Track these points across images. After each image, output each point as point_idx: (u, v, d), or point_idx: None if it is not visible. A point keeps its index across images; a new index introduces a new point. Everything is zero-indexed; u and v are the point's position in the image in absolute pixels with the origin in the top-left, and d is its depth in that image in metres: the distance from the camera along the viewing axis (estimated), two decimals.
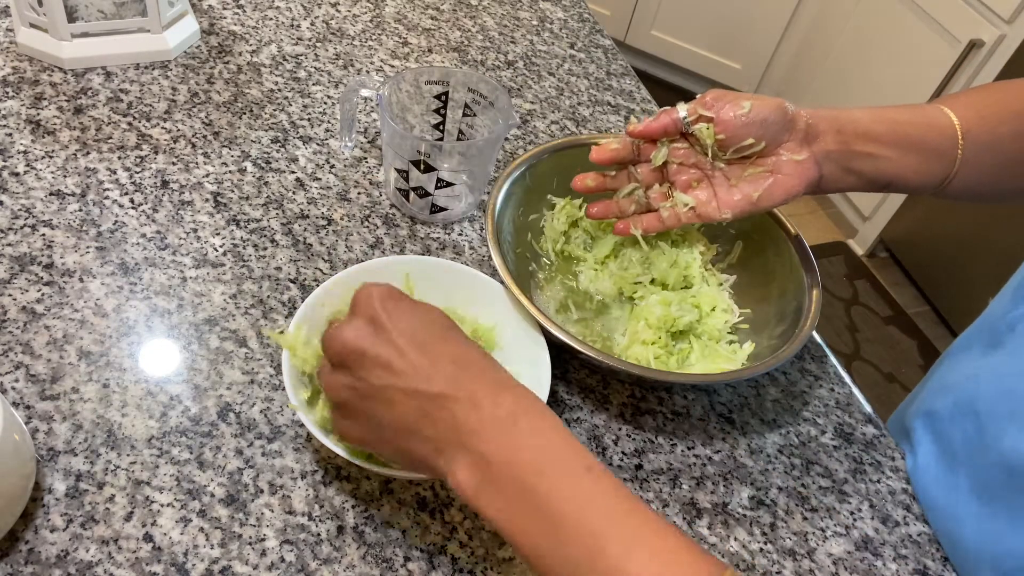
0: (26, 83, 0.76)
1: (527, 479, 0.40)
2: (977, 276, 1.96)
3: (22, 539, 0.48)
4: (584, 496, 0.39)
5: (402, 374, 0.42)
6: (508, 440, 0.41)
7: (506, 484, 0.40)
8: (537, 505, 0.39)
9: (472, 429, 0.41)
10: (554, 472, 0.40)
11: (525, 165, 0.69)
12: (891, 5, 2.09)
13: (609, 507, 0.39)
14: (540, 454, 0.40)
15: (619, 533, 0.38)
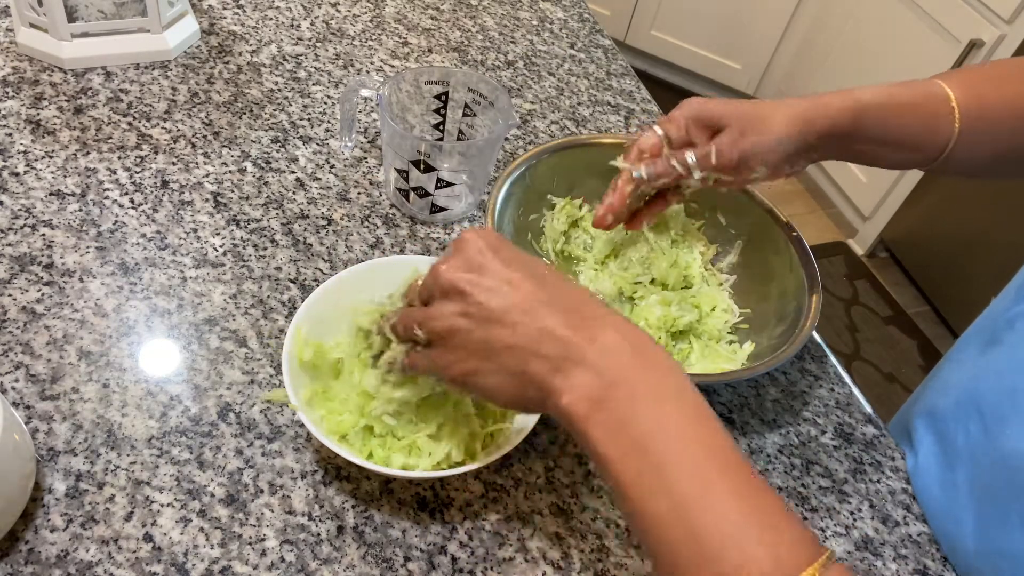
0: (26, 83, 0.76)
1: (640, 413, 0.38)
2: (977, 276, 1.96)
3: (22, 539, 0.48)
4: (691, 441, 0.38)
5: (521, 296, 0.42)
6: (631, 369, 0.40)
7: (623, 413, 0.39)
8: (646, 446, 0.38)
9: (597, 351, 0.40)
10: (669, 413, 0.39)
11: (525, 165, 0.69)
12: (891, 5, 2.09)
13: (713, 459, 0.38)
14: (660, 391, 0.39)
15: (719, 491, 0.37)
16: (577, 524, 0.56)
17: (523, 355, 0.41)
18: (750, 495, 0.37)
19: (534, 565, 0.53)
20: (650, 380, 0.39)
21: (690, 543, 0.36)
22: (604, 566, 0.54)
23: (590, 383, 0.39)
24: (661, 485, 0.37)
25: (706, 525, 0.36)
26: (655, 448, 0.38)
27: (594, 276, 0.70)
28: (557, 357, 0.40)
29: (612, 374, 0.39)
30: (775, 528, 0.36)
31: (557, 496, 0.57)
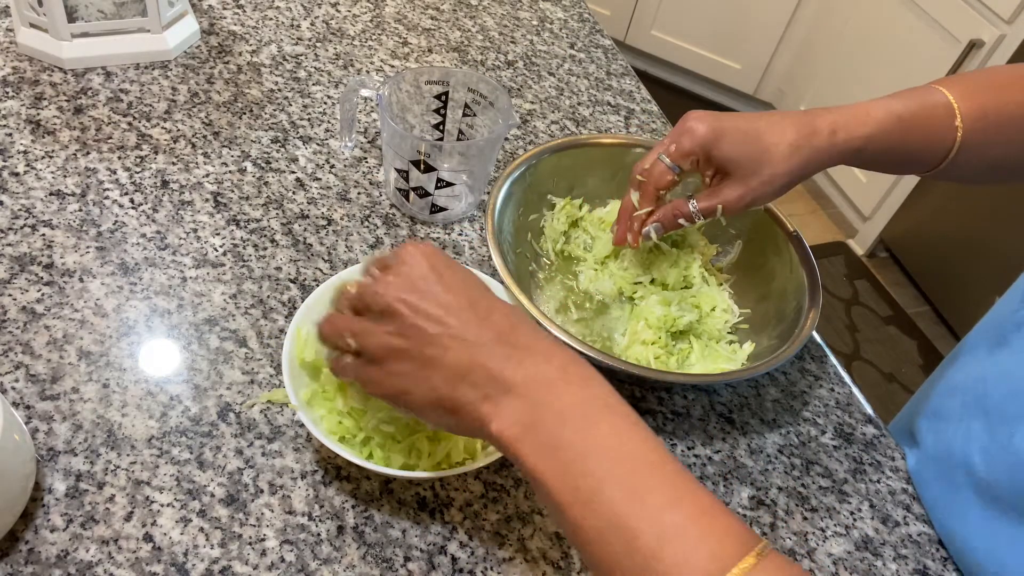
0: (26, 83, 0.76)
1: (570, 432, 0.40)
2: (977, 276, 1.96)
3: (22, 539, 0.48)
4: (623, 455, 0.39)
5: (456, 323, 0.43)
6: (558, 392, 0.41)
7: (552, 435, 0.40)
8: (578, 465, 0.39)
9: (524, 378, 0.41)
10: (599, 429, 0.40)
11: (525, 165, 0.69)
12: (891, 5, 2.09)
13: (644, 468, 0.39)
14: (587, 409, 0.41)
15: (654, 499, 0.38)
16: None
17: (453, 382, 0.43)
18: (682, 499, 0.38)
19: (534, 565, 0.53)
20: (576, 401, 0.41)
21: (630, 553, 0.37)
22: None
23: (519, 409, 0.41)
24: (596, 501, 0.38)
25: (642, 533, 0.37)
26: (587, 466, 0.39)
27: (594, 276, 0.70)
28: (486, 385, 0.42)
29: (539, 398, 0.41)
30: (710, 526, 0.37)
31: None
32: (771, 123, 0.60)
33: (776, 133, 0.59)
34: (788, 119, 0.60)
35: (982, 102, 0.61)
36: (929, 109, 0.60)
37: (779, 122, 0.60)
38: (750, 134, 0.59)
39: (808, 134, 0.59)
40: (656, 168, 0.62)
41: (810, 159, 0.59)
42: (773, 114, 0.61)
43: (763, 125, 0.59)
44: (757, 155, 0.59)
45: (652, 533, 0.37)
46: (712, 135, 0.59)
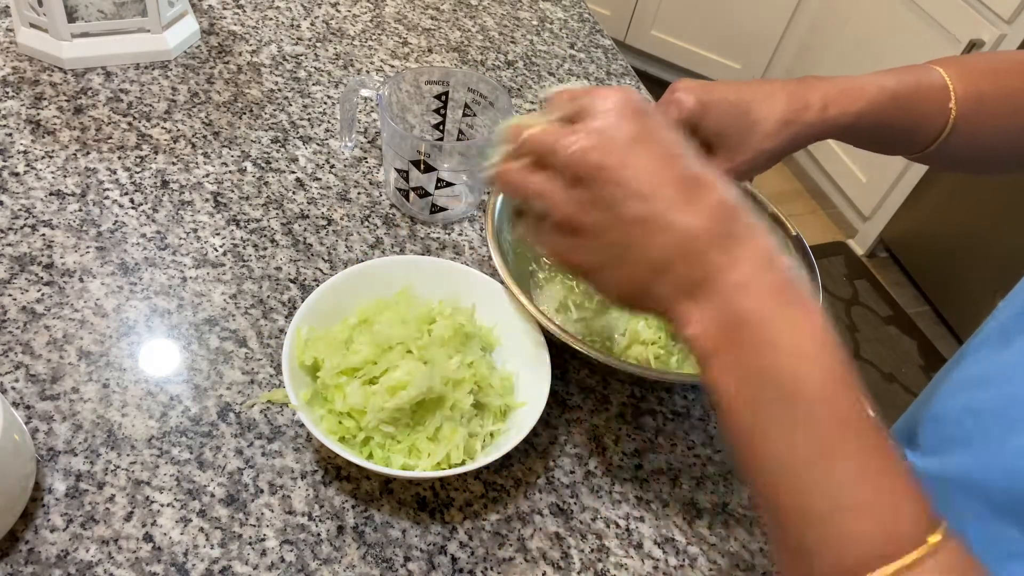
0: (26, 83, 0.76)
1: (771, 363, 0.35)
2: (977, 276, 1.96)
3: (22, 539, 0.48)
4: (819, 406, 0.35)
5: (663, 204, 0.37)
6: (771, 310, 0.36)
7: (750, 360, 0.36)
8: (771, 400, 0.35)
9: (735, 283, 0.36)
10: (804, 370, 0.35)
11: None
12: (891, 5, 2.09)
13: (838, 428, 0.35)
14: (800, 342, 0.36)
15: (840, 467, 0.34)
16: (577, 524, 0.56)
17: (652, 274, 0.38)
18: (867, 475, 0.35)
19: (534, 565, 0.53)
20: (786, 327, 0.36)
21: (800, 506, 0.35)
22: (604, 566, 0.54)
23: (720, 319, 0.36)
24: (778, 447, 0.35)
25: (820, 489, 0.34)
26: (781, 401, 0.35)
27: None
28: (689, 283, 0.37)
29: (746, 313, 0.36)
30: (895, 499, 0.34)
31: (557, 496, 0.57)
32: (761, 95, 0.57)
33: (766, 107, 0.57)
34: (780, 91, 0.58)
35: (979, 86, 0.60)
36: (924, 89, 0.60)
37: (769, 94, 0.58)
38: (739, 107, 0.56)
39: (799, 109, 0.57)
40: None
41: (798, 134, 0.57)
42: (764, 84, 0.59)
43: (752, 97, 0.57)
44: (745, 130, 0.57)
45: (827, 496, 0.34)
46: (699, 108, 0.56)
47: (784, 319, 0.36)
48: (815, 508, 0.34)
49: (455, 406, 0.54)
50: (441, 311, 0.58)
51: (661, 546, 0.56)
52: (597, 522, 0.56)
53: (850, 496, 0.34)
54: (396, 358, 0.54)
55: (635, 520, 0.57)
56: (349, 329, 0.57)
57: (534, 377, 0.57)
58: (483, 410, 0.57)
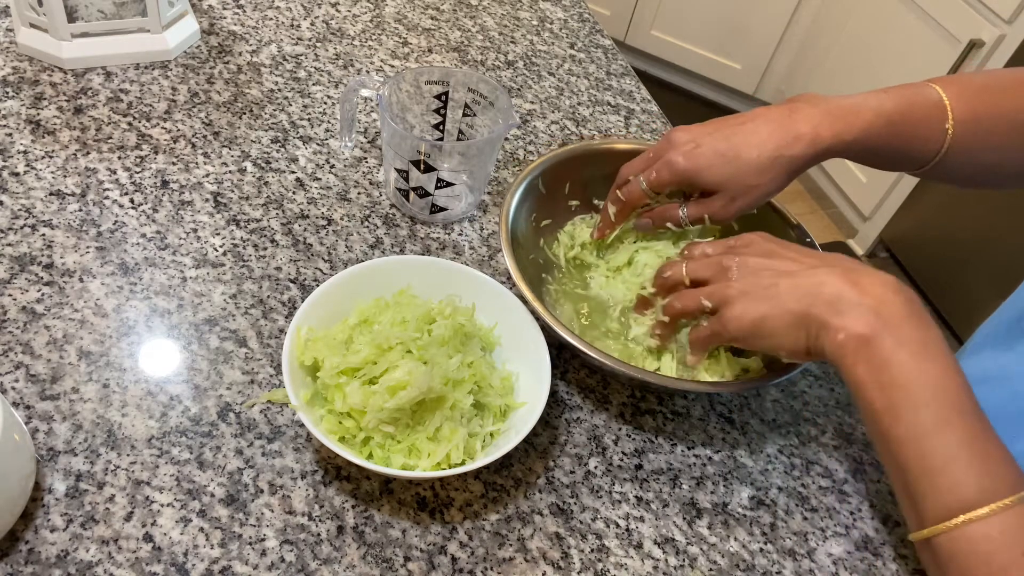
0: (26, 83, 0.76)
1: (904, 356, 0.46)
2: (977, 276, 1.96)
3: (22, 539, 0.48)
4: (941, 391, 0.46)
5: (806, 264, 0.52)
6: (901, 320, 0.48)
7: (887, 354, 0.47)
8: (902, 385, 0.46)
9: (873, 300, 0.48)
10: (929, 364, 0.47)
11: (539, 170, 0.69)
12: (891, 5, 2.09)
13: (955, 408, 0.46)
14: (925, 344, 0.47)
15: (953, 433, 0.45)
16: (577, 524, 0.56)
17: (807, 299, 0.50)
18: (977, 437, 0.45)
19: (534, 565, 0.53)
20: (915, 332, 0.47)
21: (919, 462, 0.45)
22: (604, 566, 0.54)
23: (865, 322, 0.47)
24: (906, 416, 0.46)
25: (934, 451, 0.45)
26: (909, 389, 0.46)
27: (605, 283, 0.69)
28: (836, 302, 0.49)
29: (884, 320, 0.47)
30: (993, 467, 0.44)
31: (557, 496, 0.57)
32: (749, 135, 0.59)
33: (754, 147, 0.59)
34: (767, 127, 0.59)
35: (976, 106, 0.61)
36: (921, 109, 0.60)
37: (756, 132, 0.59)
38: (728, 155, 0.59)
39: (789, 142, 0.59)
40: (634, 190, 0.63)
41: (791, 166, 0.60)
42: (751, 121, 0.60)
43: (740, 140, 0.59)
44: (739, 175, 0.59)
45: (941, 457, 0.45)
46: (692, 169, 0.60)
47: (910, 327, 0.47)
48: (932, 463, 0.45)
49: (455, 406, 0.54)
50: (441, 311, 0.58)
51: (661, 546, 0.56)
52: (597, 522, 0.56)
53: (958, 455, 0.44)
54: (396, 358, 0.54)
55: (635, 520, 0.57)
56: (349, 329, 0.57)
57: (534, 377, 0.57)
58: (483, 410, 0.57)
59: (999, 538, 0.43)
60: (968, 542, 0.43)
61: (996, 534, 0.43)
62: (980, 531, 0.43)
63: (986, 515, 0.43)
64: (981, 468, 0.44)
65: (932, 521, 0.45)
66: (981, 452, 0.45)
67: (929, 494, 0.45)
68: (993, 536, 0.43)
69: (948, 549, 0.44)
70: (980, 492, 0.44)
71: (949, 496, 0.44)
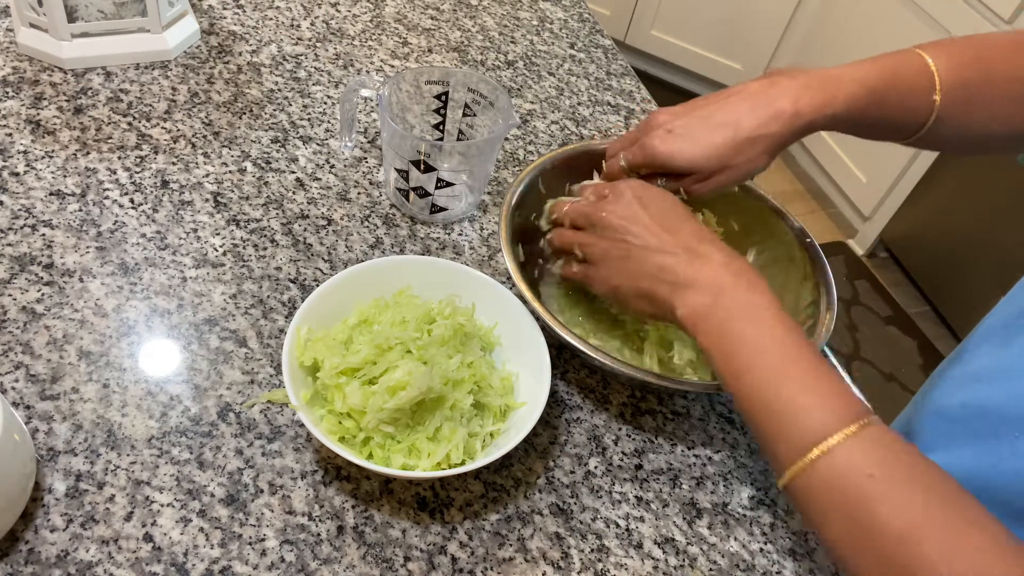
0: (26, 83, 0.76)
1: (735, 325, 0.51)
2: (977, 276, 1.96)
3: (22, 539, 0.48)
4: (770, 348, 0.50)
5: (656, 239, 0.56)
6: (730, 292, 0.52)
7: (721, 323, 0.51)
8: (737, 346, 0.51)
9: (705, 279, 0.53)
10: (756, 327, 0.51)
11: (538, 170, 0.69)
12: (891, 5, 2.09)
13: (786, 360, 0.49)
14: (751, 310, 0.52)
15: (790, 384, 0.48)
16: (577, 524, 0.56)
17: (652, 279, 0.55)
18: (812, 379, 0.48)
19: (534, 565, 0.53)
20: (743, 299, 0.52)
21: (768, 418, 0.48)
22: (604, 566, 0.54)
23: (698, 301, 0.53)
24: (746, 379, 0.50)
25: (777, 397, 0.48)
26: (742, 352, 0.50)
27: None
28: (675, 282, 0.54)
29: (715, 296, 0.52)
30: (831, 405, 0.47)
31: (557, 496, 0.57)
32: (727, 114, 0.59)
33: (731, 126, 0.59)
34: (746, 103, 0.59)
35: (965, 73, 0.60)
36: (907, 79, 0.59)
37: (735, 110, 0.59)
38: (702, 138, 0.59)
39: (766, 121, 0.58)
40: (613, 167, 0.64)
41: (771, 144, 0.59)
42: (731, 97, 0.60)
43: (719, 119, 0.59)
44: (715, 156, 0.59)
45: (783, 402, 0.48)
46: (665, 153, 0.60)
47: (738, 297, 0.52)
48: (776, 408, 0.48)
49: (455, 406, 0.54)
50: (441, 311, 0.58)
51: (661, 546, 0.56)
52: (597, 522, 0.56)
53: (796, 397, 0.47)
54: (396, 358, 0.54)
55: (635, 520, 0.57)
56: (349, 329, 0.57)
57: (534, 377, 0.57)
58: (483, 410, 0.57)
59: (847, 465, 0.44)
60: (821, 478, 0.45)
61: (843, 463, 0.44)
62: (830, 463, 0.45)
63: (829, 448, 0.45)
64: (820, 407, 0.46)
65: (788, 464, 0.46)
66: (818, 393, 0.47)
67: (778, 442, 0.47)
68: (841, 465, 0.44)
69: (806, 488, 0.46)
70: (823, 426, 0.45)
71: (795, 439, 0.46)
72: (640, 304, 0.57)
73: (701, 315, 0.52)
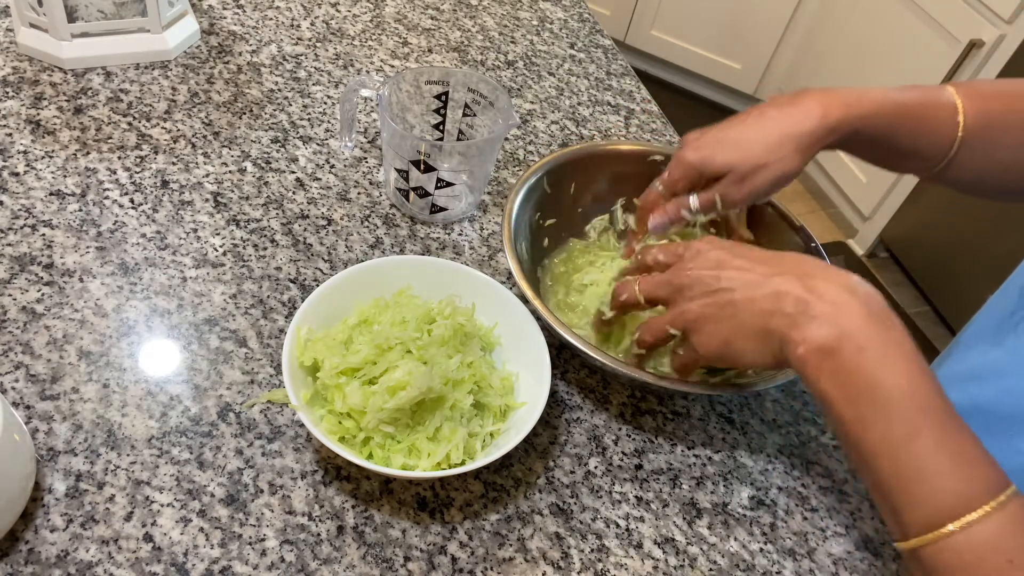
0: (26, 83, 0.76)
1: (867, 363, 0.44)
2: (977, 276, 1.96)
3: (22, 539, 0.48)
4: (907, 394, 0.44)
5: (759, 275, 0.50)
6: (860, 324, 0.45)
7: (850, 363, 0.45)
8: (868, 393, 0.44)
9: (830, 307, 0.46)
10: (892, 367, 0.45)
11: (542, 171, 0.69)
12: (891, 5, 2.09)
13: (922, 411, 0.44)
14: (886, 347, 0.45)
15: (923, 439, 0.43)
16: (577, 524, 0.56)
17: (764, 315, 0.48)
18: (950, 439, 0.43)
19: (534, 565, 0.53)
20: (876, 335, 0.45)
21: (894, 473, 0.44)
22: (604, 566, 0.54)
23: (823, 335, 0.45)
24: (876, 427, 0.44)
25: (908, 460, 0.43)
26: (875, 397, 0.44)
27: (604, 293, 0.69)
28: (794, 314, 0.47)
29: (843, 328, 0.45)
30: (967, 468, 0.43)
31: (557, 496, 0.57)
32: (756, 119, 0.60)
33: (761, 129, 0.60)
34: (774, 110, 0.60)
35: (987, 106, 0.61)
36: (932, 103, 0.61)
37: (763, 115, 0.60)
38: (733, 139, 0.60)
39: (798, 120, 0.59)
40: (649, 195, 0.65)
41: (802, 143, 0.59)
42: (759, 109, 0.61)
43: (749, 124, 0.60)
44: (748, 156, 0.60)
45: (916, 467, 0.43)
46: (698, 159, 0.61)
47: (870, 329, 0.45)
48: (906, 474, 0.43)
49: (455, 406, 0.54)
50: (441, 311, 0.58)
51: (661, 546, 0.56)
52: (597, 522, 0.56)
53: (932, 463, 0.43)
54: (396, 358, 0.54)
55: (635, 520, 0.57)
56: (349, 329, 0.57)
57: (534, 377, 0.57)
58: (483, 410, 0.57)
59: (982, 547, 0.41)
60: (952, 553, 0.42)
61: (979, 543, 0.41)
62: (963, 541, 0.42)
63: (968, 524, 0.41)
64: (957, 474, 0.43)
65: (914, 533, 0.44)
66: (956, 456, 0.43)
67: (907, 506, 0.44)
68: (976, 545, 0.41)
69: (933, 561, 0.43)
70: (958, 499, 0.42)
71: (928, 507, 0.43)
72: (756, 351, 0.50)
73: (826, 352, 0.45)
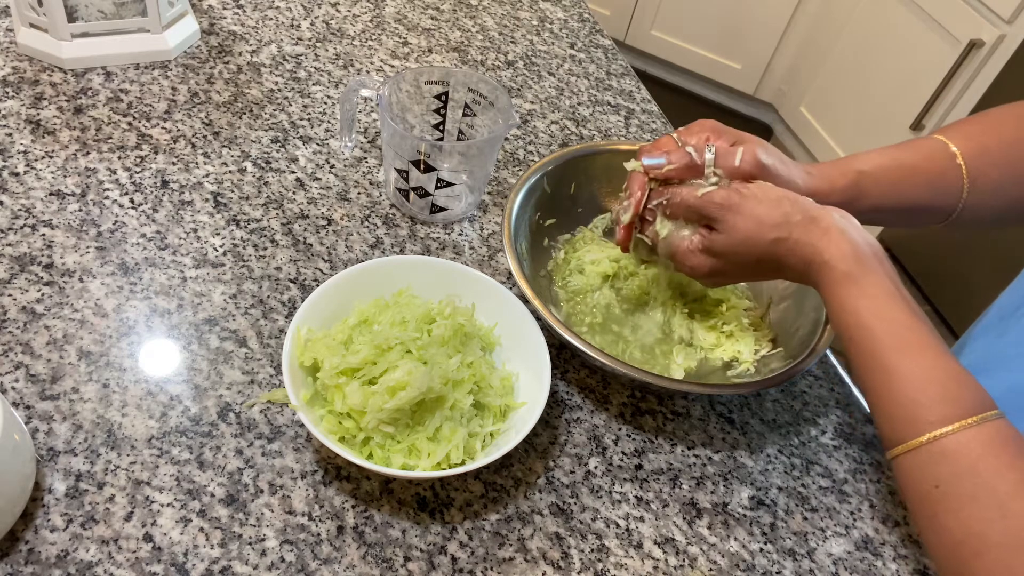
0: (26, 83, 0.76)
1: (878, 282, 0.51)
2: (978, 276, 1.96)
3: (22, 539, 0.48)
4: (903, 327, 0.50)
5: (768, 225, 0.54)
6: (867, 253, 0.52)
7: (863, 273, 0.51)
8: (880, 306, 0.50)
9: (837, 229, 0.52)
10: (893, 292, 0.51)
11: (541, 171, 0.69)
12: (891, 5, 2.09)
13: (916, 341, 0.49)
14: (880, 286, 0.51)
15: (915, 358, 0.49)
16: (577, 524, 0.56)
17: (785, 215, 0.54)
18: (937, 362, 0.49)
19: (534, 565, 0.53)
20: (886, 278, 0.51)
21: (887, 385, 0.49)
22: (604, 566, 0.54)
23: (847, 262, 0.51)
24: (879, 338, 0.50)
25: (900, 376, 0.49)
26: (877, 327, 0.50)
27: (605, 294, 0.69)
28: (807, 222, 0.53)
29: (863, 261, 0.51)
30: (955, 384, 0.48)
31: (557, 496, 0.57)
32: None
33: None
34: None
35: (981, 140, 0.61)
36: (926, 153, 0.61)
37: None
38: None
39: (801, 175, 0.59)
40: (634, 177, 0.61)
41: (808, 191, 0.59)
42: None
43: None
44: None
45: (906, 377, 0.48)
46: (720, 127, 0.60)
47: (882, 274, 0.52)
48: (900, 384, 0.48)
49: (455, 406, 0.54)
50: (441, 311, 0.58)
51: (661, 546, 0.56)
52: (597, 522, 0.56)
53: (927, 375, 0.48)
54: (396, 358, 0.54)
55: (635, 520, 0.57)
56: (349, 329, 0.57)
57: (534, 377, 0.57)
58: (483, 410, 0.57)
59: (962, 449, 0.46)
60: (934, 455, 0.47)
61: (959, 447, 0.46)
62: (947, 446, 0.46)
63: (950, 432, 0.46)
64: (949, 391, 0.47)
65: (902, 439, 0.48)
66: (944, 376, 0.48)
67: (898, 415, 0.49)
68: (959, 448, 0.46)
69: (917, 462, 0.48)
70: (944, 413, 0.47)
71: (920, 413, 0.48)
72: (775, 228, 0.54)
73: (848, 276, 0.51)
